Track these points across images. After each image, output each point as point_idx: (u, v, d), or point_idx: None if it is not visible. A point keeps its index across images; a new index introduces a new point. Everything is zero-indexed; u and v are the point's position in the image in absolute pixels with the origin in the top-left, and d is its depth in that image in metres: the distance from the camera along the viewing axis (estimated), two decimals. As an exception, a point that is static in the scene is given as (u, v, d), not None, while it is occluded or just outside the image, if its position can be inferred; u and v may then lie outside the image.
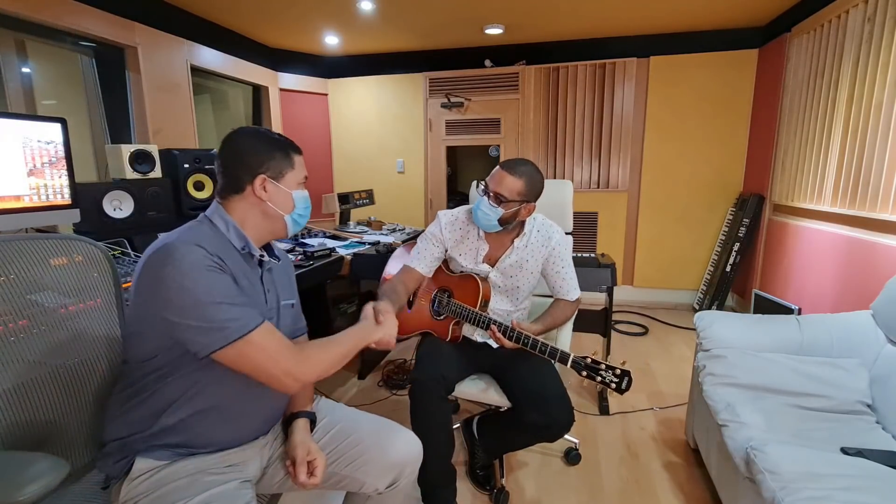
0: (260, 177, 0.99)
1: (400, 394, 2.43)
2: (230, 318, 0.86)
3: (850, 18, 2.43)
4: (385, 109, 4.35)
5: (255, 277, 1.02)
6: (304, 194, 1.07)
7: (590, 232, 4.00)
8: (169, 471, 0.92)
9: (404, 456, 1.11)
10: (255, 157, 0.99)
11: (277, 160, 1.01)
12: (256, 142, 1.01)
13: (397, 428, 1.16)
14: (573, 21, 3.40)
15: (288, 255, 1.23)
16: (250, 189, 0.99)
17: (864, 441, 1.33)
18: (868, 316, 1.66)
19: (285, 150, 1.03)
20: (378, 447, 1.09)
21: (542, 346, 1.35)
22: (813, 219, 2.73)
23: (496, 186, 1.47)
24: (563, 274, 1.62)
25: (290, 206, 1.04)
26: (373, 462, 1.08)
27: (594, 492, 1.73)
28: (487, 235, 1.61)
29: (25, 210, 1.66)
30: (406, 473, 1.11)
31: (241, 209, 1.00)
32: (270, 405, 1.07)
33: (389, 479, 1.09)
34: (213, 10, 3.16)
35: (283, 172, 1.02)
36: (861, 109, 2.33)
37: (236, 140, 1.01)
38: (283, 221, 1.04)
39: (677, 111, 3.75)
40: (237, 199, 1.00)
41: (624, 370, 1.25)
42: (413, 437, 1.16)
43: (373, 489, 1.08)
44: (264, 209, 1.01)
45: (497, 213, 1.47)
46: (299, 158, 1.06)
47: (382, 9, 3.09)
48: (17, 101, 2.39)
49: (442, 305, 1.63)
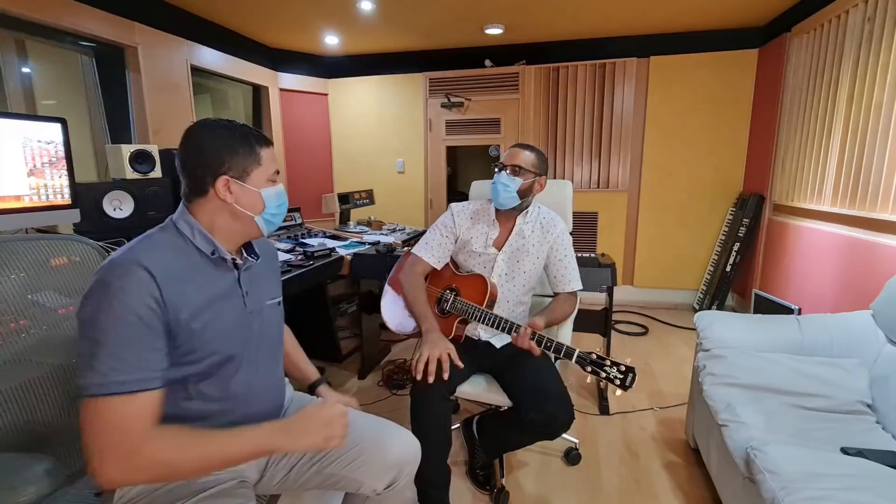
0: (222, 178, 0.90)
1: (400, 394, 2.43)
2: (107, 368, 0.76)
3: (850, 18, 2.43)
4: (385, 109, 4.35)
5: (229, 282, 0.95)
6: (275, 190, 0.98)
7: (590, 232, 4.00)
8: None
9: (403, 456, 1.10)
10: (215, 155, 0.90)
11: (241, 157, 0.92)
12: (215, 138, 0.91)
13: (396, 428, 1.14)
14: (573, 21, 3.40)
15: (272, 244, 1.16)
16: (213, 192, 0.91)
17: (864, 441, 1.33)
18: (868, 316, 1.66)
19: (249, 144, 0.93)
20: (377, 448, 1.08)
21: (558, 346, 1.35)
22: (813, 219, 2.73)
23: (512, 160, 1.59)
24: (565, 262, 1.65)
25: (259, 207, 0.95)
26: (371, 462, 1.06)
27: (594, 492, 1.73)
28: (499, 218, 1.67)
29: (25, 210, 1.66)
30: (405, 474, 1.10)
31: (208, 212, 0.92)
32: (267, 411, 1.03)
33: (388, 479, 1.08)
34: (213, 10, 3.16)
35: (248, 170, 0.93)
36: (861, 109, 2.33)
37: (194, 136, 0.92)
38: (255, 222, 0.96)
39: (677, 111, 3.75)
40: (202, 201, 0.92)
41: (628, 366, 1.26)
42: (411, 438, 1.15)
43: (371, 490, 1.07)
44: (232, 211, 0.93)
45: (516, 182, 1.57)
46: (267, 151, 0.96)
47: (382, 9, 3.09)
48: (17, 101, 2.39)
49: (447, 303, 1.64)
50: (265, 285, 1.05)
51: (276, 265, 1.15)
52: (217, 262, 0.93)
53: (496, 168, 1.63)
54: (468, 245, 1.69)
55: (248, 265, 0.99)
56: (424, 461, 1.49)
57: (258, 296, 1.01)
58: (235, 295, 0.96)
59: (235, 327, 0.94)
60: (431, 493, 1.50)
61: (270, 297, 1.06)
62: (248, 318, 0.97)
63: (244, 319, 0.96)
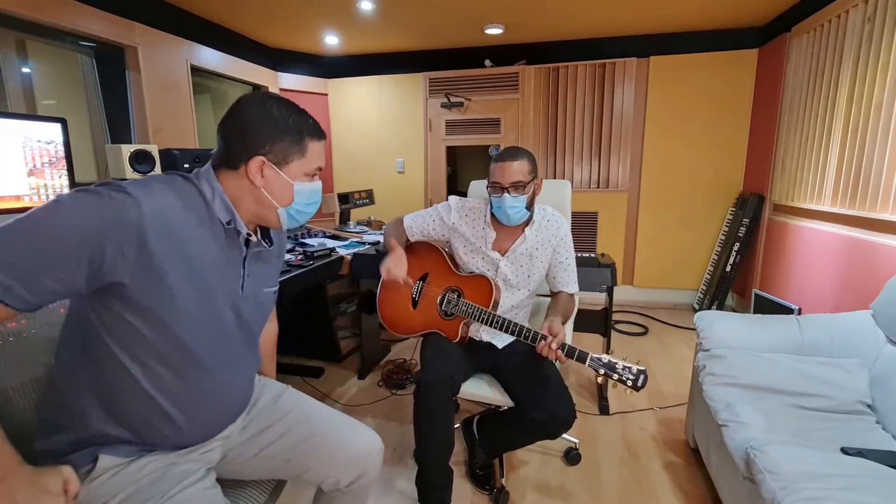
0: (257, 158, 0.84)
1: (400, 393, 2.42)
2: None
3: (850, 18, 2.43)
4: (385, 109, 4.35)
5: (234, 259, 0.90)
6: (312, 187, 0.92)
7: (590, 232, 4.00)
8: (134, 467, 0.85)
9: (364, 449, 1.09)
10: (259, 133, 0.84)
11: (286, 143, 0.86)
12: (265, 115, 0.85)
13: (356, 423, 1.13)
14: (573, 21, 3.40)
15: (283, 235, 1.11)
16: (244, 169, 0.85)
17: (864, 441, 1.33)
18: (868, 316, 1.66)
19: (299, 132, 0.87)
20: (335, 440, 1.06)
21: (570, 350, 1.34)
22: (813, 219, 2.73)
23: (510, 178, 1.50)
24: (565, 265, 1.64)
25: (288, 199, 0.89)
26: (333, 453, 1.05)
27: (594, 492, 1.73)
28: (494, 224, 1.63)
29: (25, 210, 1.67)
30: (370, 469, 1.09)
31: (233, 186, 0.86)
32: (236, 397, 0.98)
33: (354, 473, 1.07)
34: (213, 9, 3.16)
35: (289, 158, 0.87)
36: (861, 109, 2.33)
37: (243, 107, 0.86)
38: (276, 213, 0.90)
39: (677, 111, 3.75)
40: (230, 174, 0.86)
41: (640, 368, 1.27)
42: (373, 433, 1.14)
43: (335, 483, 1.06)
44: (257, 195, 0.87)
45: (522, 200, 1.52)
46: (316, 145, 0.90)
47: (382, 9, 3.09)
48: (17, 101, 2.39)
49: (451, 305, 1.62)
50: (267, 273, 1.01)
51: (283, 254, 1.12)
52: (230, 233, 0.88)
53: (493, 189, 1.54)
54: (466, 238, 1.67)
55: (258, 249, 0.94)
56: (426, 460, 1.50)
57: (257, 282, 0.96)
58: (235, 275, 0.90)
59: (222, 307, 0.89)
60: (433, 493, 1.51)
61: (268, 286, 1.02)
62: (238, 301, 0.92)
63: (234, 302, 0.91)
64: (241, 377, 0.98)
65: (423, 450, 1.50)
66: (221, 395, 0.93)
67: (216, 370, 0.90)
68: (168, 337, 0.81)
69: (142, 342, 0.80)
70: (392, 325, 1.75)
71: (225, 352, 0.92)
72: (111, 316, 0.78)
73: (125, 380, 0.82)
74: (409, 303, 1.72)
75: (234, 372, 0.95)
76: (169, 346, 0.82)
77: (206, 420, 0.93)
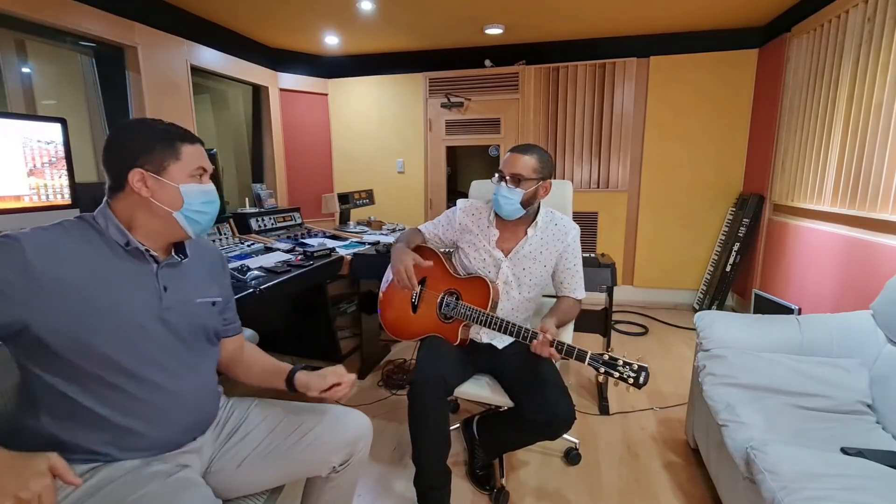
0: (136, 170, 0.90)
1: (400, 393, 2.43)
2: None
3: (850, 18, 2.43)
4: (385, 109, 4.35)
5: (143, 274, 0.94)
6: (199, 188, 0.96)
7: (590, 232, 4.00)
8: (107, 471, 0.88)
9: (357, 432, 1.14)
10: (130, 149, 0.91)
11: (158, 152, 0.91)
12: (133, 134, 0.93)
13: (345, 408, 1.19)
14: (573, 21, 3.40)
15: (214, 247, 1.16)
16: (128, 186, 0.90)
17: (864, 441, 1.33)
18: (868, 316, 1.66)
19: (170, 140, 0.93)
20: (333, 428, 1.12)
21: (570, 349, 1.33)
22: (813, 219, 2.73)
23: (511, 169, 1.52)
24: (572, 271, 1.63)
25: (178, 202, 0.94)
26: (330, 442, 1.10)
27: (594, 492, 1.73)
28: (499, 222, 1.63)
29: (25, 210, 1.66)
30: (359, 449, 1.15)
31: (127, 208, 0.92)
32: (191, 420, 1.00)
33: (344, 455, 1.12)
34: (212, 10, 3.16)
35: (165, 164, 0.92)
36: (861, 109, 2.33)
37: (114, 133, 0.94)
38: (175, 220, 0.94)
39: (677, 111, 3.75)
40: (121, 196, 0.92)
41: (641, 365, 1.25)
42: (363, 415, 1.19)
43: (329, 467, 1.11)
44: (148, 206, 0.92)
45: (518, 194, 1.51)
46: (190, 148, 0.95)
47: (382, 9, 3.09)
48: (17, 101, 2.39)
49: (450, 308, 1.62)
50: (196, 283, 1.03)
51: (216, 266, 1.13)
52: (133, 253, 0.92)
53: (495, 180, 1.56)
54: (472, 235, 1.66)
55: (170, 261, 0.98)
56: (422, 461, 1.49)
57: (182, 293, 0.99)
58: (148, 288, 0.94)
59: (143, 319, 0.92)
60: (431, 494, 1.50)
61: (201, 296, 1.03)
62: (163, 313, 0.94)
63: (156, 314, 0.94)
64: (186, 385, 0.99)
65: (418, 450, 1.49)
66: (169, 404, 0.95)
67: (154, 379, 0.93)
68: (90, 354, 0.85)
69: (69, 365, 0.85)
70: (394, 330, 1.75)
71: (161, 361, 0.94)
72: (35, 353, 0.84)
73: (69, 403, 0.86)
74: (409, 307, 1.72)
75: (177, 380, 0.97)
76: (96, 363, 0.86)
77: (164, 427, 0.95)
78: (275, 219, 2.99)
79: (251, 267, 1.99)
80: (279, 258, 2.22)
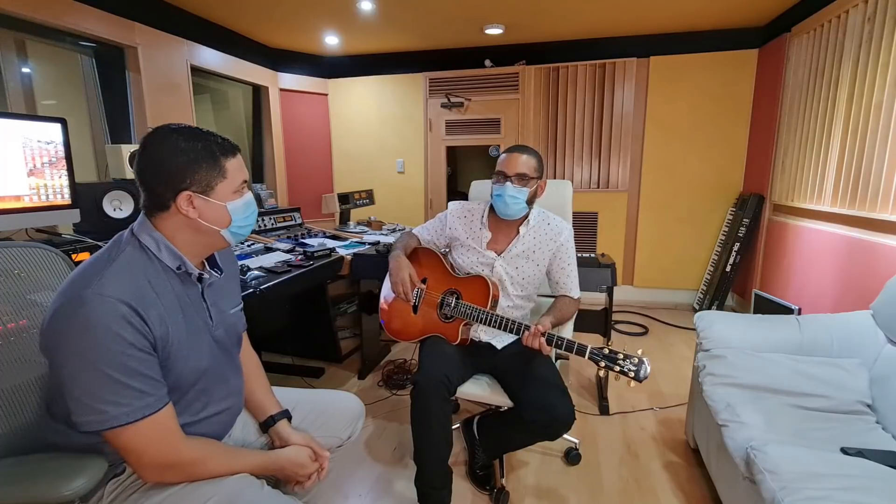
0: (184, 194, 0.86)
1: (400, 393, 2.43)
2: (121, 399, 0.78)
3: (850, 18, 2.43)
4: (385, 109, 4.35)
5: (195, 297, 0.95)
6: (243, 202, 0.94)
7: (590, 232, 3.99)
8: None
9: (356, 411, 1.28)
10: (175, 170, 0.85)
11: (204, 171, 0.87)
12: (174, 151, 0.85)
13: (339, 392, 1.33)
14: (573, 21, 3.40)
15: (233, 254, 1.15)
16: (175, 207, 0.86)
17: (864, 441, 1.33)
18: (868, 316, 1.66)
19: (213, 156, 0.88)
20: (335, 408, 1.25)
21: (569, 343, 1.35)
22: (813, 219, 2.73)
23: (516, 169, 1.55)
24: (567, 271, 1.64)
25: (226, 220, 0.92)
26: (335, 420, 1.23)
27: (594, 492, 1.73)
28: (492, 224, 1.65)
29: (25, 210, 1.66)
30: (358, 426, 1.27)
31: (170, 227, 0.89)
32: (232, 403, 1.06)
33: (349, 432, 1.24)
34: (213, 10, 3.16)
35: (213, 184, 0.88)
36: (861, 109, 2.33)
37: (152, 146, 0.86)
38: (221, 235, 0.93)
39: (677, 111, 3.75)
40: (164, 216, 0.88)
41: (641, 358, 1.26)
42: (353, 395, 1.32)
43: (338, 441, 1.22)
44: (195, 226, 0.89)
45: (524, 193, 1.55)
46: (233, 162, 0.91)
47: (382, 9, 3.09)
48: (17, 101, 2.39)
49: (451, 308, 1.62)
50: (227, 295, 1.06)
51: (235, 271, 1.15)
52: (182, 276, 0.92)
53: (497, 178, 1.58)
54: (461, 240, 1.68)
55: (211, 280, 0.98)
56: (424, 461, 1.50)
57: (222, 307, 1.02)
58: (201, 309, 0.96)
59: (204, 341, 0.95)
60: (432, 493, 1.50)
61: (233, 307, 1.07)
62: (214, 332, 0.99)
63: (209, 336, 0.98)
64: (232, 387, 1.06)
65: (421, 450, 1.49)
66: (221, 404, 1.02)
67: (213, 389, 0.99)
68: (169, 376, 0.89)
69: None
70: (395, 331, 1.76)
71: (221, 373, 1.01)
72: None
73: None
74: (410, 309, 1.72)
75: (226, 386, 1.04)
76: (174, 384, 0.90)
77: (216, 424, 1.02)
78: (275, 219, 2.99)
79: (251, 267, 1.99)
80: (279, 258, 2.22)
